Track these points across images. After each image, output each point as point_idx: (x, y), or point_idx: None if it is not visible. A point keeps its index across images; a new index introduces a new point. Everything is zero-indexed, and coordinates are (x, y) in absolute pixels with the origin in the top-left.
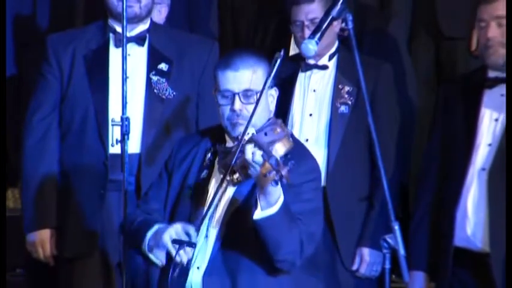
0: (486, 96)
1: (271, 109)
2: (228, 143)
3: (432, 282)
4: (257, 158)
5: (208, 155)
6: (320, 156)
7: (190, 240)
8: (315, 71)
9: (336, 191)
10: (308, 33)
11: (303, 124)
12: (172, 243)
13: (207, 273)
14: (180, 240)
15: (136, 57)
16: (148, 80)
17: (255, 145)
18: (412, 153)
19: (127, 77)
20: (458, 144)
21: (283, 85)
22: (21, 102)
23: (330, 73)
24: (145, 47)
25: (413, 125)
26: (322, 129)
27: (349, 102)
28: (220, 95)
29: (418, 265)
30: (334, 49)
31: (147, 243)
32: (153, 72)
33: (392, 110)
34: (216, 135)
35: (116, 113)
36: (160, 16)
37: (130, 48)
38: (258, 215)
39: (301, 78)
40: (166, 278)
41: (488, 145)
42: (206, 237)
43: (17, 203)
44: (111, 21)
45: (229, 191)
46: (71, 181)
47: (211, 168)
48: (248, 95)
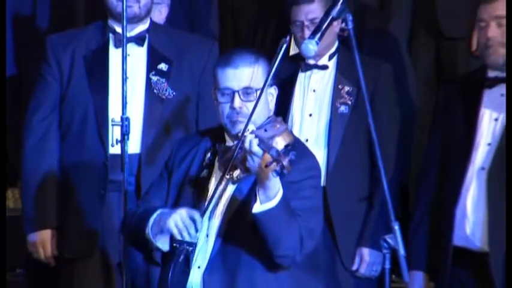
0: (486, 96)
1: (271, 108)
2: (228, 142)
3: (432, 282)
4: (256, 148)
5: (208, 155)
6: (320, 156)
7: (196, 225)
8: (315, 71)
9: (335, 191)
10: (308, 34)
11: (303, 124)
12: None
13: (207, 271)
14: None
15: (136, 57)
16: (148, 80)
17: (255, 138)
18: (412, 153)
19: (127, 77)
20: (458, 143)
21: (283, 85)
22: (21, 102)
23: (329, 73)
24: (144, 47)
25: (413, 125)
26: (322, 129)
27: (349, 102)
28: (220, 93)
29: (418, 265)
30: (334, 49)
31: (150, 228)
32: (153, 72)
33: (392, 110)
34: (216, 135)
35: (116, 113)
36: (160, 16)
37: (130, 48)
38: (257, 208)
39: (301, 78)
40: (166, 278)
41: (488, 144)
42: (207, 237)
43: (17, 203)
44: (110, 22)
45: (229, 189)
46: (71, 181)
47: (211, 167)
48: (248, 92)
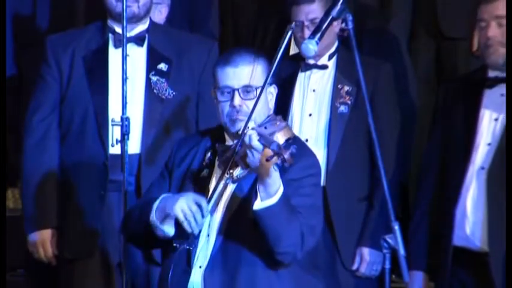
0: (486, 96)
1: (271, 106)
2: (228, 141)
3: (432, 282)
4: (256, 143)
5: (208, 154)
6: (320, 156)
7: (202, 211)
8: (315, 70)
9: (335, 190)
10: (308, 34)
11: (303, 124)
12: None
13: (207, 270)
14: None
15: (136, 57)
16: (147, 80)
17: (254, 133)
18: (412, 153)
19: (127, 78)
20: (458, 143)
21: (283, 85)
22: (21, 102)
23: (329, 73)
24: (144, 47)
25: (413, 125)
26: (321, 129)
27: (349, 102)
28: (220, 91)
29: (418, 265)
30: (333, 49)
31: (154, 212)
32: (153, 73)
33: (392, 110)
34: (216, 135)
35: (116, 113)
36: (160, 16)
37: (130, 48)
38: (257, 205)
39: (301, 78)
40: (166, 278)
41: (488, 144)
42: (207, 236)
43: (17, 203)
44: (110, 22)
45: (229, 188)
46: (71, 181)
47: (212, 167)
48: (248, 90)
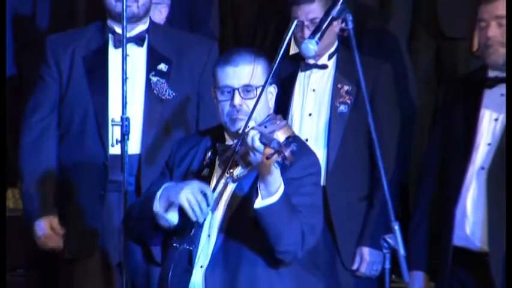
0: (486, 96)
1: (271, 106)
2: (228, 141)
3: (432, 282)
4: (258, 143)
5: (209, 154)
6: (320, 155)
7: (207, 200)
8: (315, 70)
9: (335, 190)
10: (308, 33)
11: (303, 124)
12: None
13: (209, 269)
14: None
15: (136, 57)
16: (147, 80)
17: (256, 133)
18: (412, 153)
19: (127, 78)
20: (458, 143)
21: (283, 84)
22: (21, 102)
23: (329, 72)
24: (144, 48)
25: (413, 125)
26: (321, 129)
27: (348, 101)
28: (220, 91)
29: (418, 265)
30: (333, 49)
31: (158, 201)
32: (153, 73)
33: (392, 109)
34: (216, 134)
35: (116, 114)
36: (160, 16)
37: (130, 48)
38: (258, 203)
39: (301, 78)
40: (166, 278)
41: (488, 144)
42: (208, 236)
43: (17, 203)
44: (110, 22)
45: (230, 187)
46: (71, 181)
47: (212, 166)
48: (248, 90)
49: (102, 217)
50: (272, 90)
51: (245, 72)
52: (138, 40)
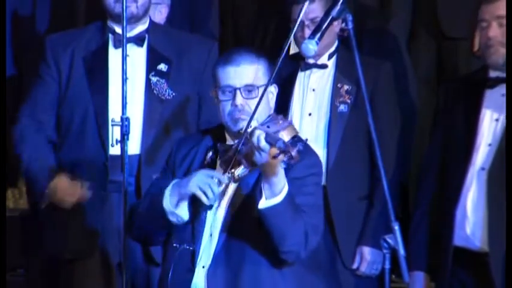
0: (487, 96)
1: (271, 106)
2: (228, 141)
3: (433, 282)
4: (263, 143)
5: (210, 154)
6: (320, 155)
7: (220, 179)
8: (315, 70)
9: (335, 190)
10: (308, 33)
11: (302, 124)
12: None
13: (211, 268)
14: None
15: (136, 57)
16: (147, 80)
17: (261, 133)
18: (412, 153)
19: (127, 78)
20: (458, 144)
21: (283, 84)
22: (21, 102)
23: (329, 72)
24: (144, 48)
25: (413, 125)
26: (321, 129)
27: (348, 101)
28: (221, 91)
29: (418, 265)
30: (333, 48)
31: (168, 198)
32: (153, 73)
33: (392, 109)
34: (216, 134)
35: (116, 114)
36: (160, 16)
37: (130, 48)
38: (262, 204)
39: (301, 78)
40: (166, 278)
41: (489, 145)
42: (210, 236)
43: (17, 203)
44: (110, 22)
45: (231, 187)
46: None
47: (214, 166)
48: (249, 90)
49: (102, 217)
50: (273, 90)
51: (246, 72)
52: (138, 40)
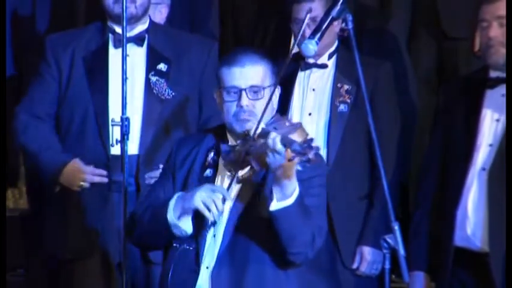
0: (487, 96)
1: (274, 106)
2: (231, 141)
3: (433, 282)
4: (279, 146)
5: (211, 155)
6: None
7: (224, 195)
8: (314, 70)
9: (335, 190)
10: (308, 32)
11: (302, 123)
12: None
13: (215, 270)
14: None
15: (135, 57)
16: (147, 80)
17: (275, 135)
18: (412, 153)
19: (127, 78)
20: (459, 144)
21: (283, 84)
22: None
23: (329, 72)
24: (144, 47)
25: (413, 125)
26: (321, 129)
27: (348, 100)
28: (226, 91)
29: (419, 265)
30: (333, 48)
31: (172, 211)
32: (152, 73)
33: (392, 109)
34: (218, 134)
35: (116, 114)
36: (160, 16)
37: (129, 48)
38: (274, 206)
39: (301, 77)
40: (166, 277)
41: (490, 145)
42: (214, 236)
43: (17, 203)
44: (110, 22)
45: (235, 188)
46: None
47: (216, 167)
48: (255, 91)
49: (102, 217)
50: (276, 91)
51: (252, 73)
52: (137, 40)
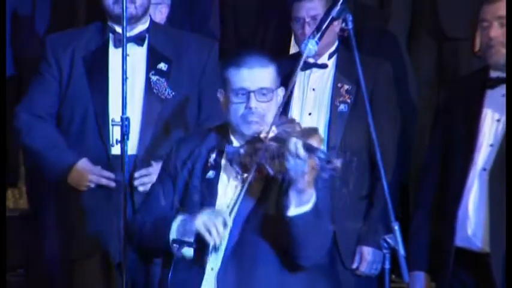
0: (488, 96)
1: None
2: (234, 143)
3: (433, 282)
4: (302, 152)
5: (213, 156)
6: None
7: (225, 220)
8: (314, 69)
9: (335, 190)
10: (308, 30)
11: (302, 123)
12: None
13: (221, 272)
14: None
15: (136, 57)
16: (147, 80)
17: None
18: (412, 153)
19: (127, 78)
20: (459, 144)
21: (283, 84)
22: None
23: (329, 72)
24: (144, 47)
25: (413, 125)
26: (321, 129)
27: (348, 100)
28: (234, 93)
29: (419, 265)
30: (333, 48)
31: (175, 232)
32: (153, 72)
33: (392, 109)
34: (219, 134)
35: (116, 114)
36: (161, 16)
37: (130, 48)
38: (291, 212)
39: (301, 77)
40: (166, 277)
41: (490, 145)
42: None
43: (17, 203)
44: (110, 22)
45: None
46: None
47: (218, 168)
48: (263, 93)
49: (104, 217)
50: (280, 93)
51: (260, 75)
52: (138, 40)
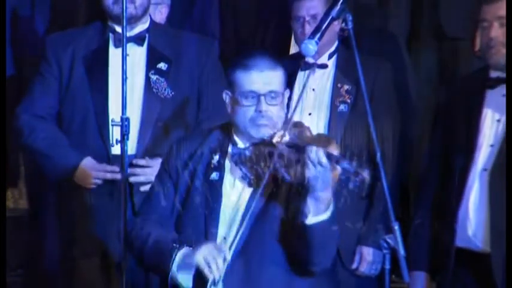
0: (488, 96)
1: (285, 110)
2: (239, 144)
3: (434, 282)
4: (324, 160)
5: (216, 157)
6: None
7: (225, 255)
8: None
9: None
10: (309, 29)
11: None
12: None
13: (227, 272)
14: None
15: (136, 57)
16: (147, 79)
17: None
18: (412, 153)
19: (127, 77)
20: (460, 144)
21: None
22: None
23: (329, 72)
24: (144, 47)
25: (413, 125)
26: (321, 129)
27: (348, 100)
28: (244, 96)
29: (419, 265)
30: (333, 48)
31: (176, 265)
32: (152, 72)
33: (392, 109)
34: (221, 135)
35: (116, 113)
36: (161, 16)
37: (130, 48)
38: (309, 220)
39: (301, 77)
40: (166, 278)
41: (491, 146)
42: (224, 239)
43: (17, 203)
44: (110, 22)
45: (247, 192)
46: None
47: (222, 170)
48: (273, 96)
49: (103, 217)
50: (286, 95)
51: (270, 78)
52: (138, 40)
